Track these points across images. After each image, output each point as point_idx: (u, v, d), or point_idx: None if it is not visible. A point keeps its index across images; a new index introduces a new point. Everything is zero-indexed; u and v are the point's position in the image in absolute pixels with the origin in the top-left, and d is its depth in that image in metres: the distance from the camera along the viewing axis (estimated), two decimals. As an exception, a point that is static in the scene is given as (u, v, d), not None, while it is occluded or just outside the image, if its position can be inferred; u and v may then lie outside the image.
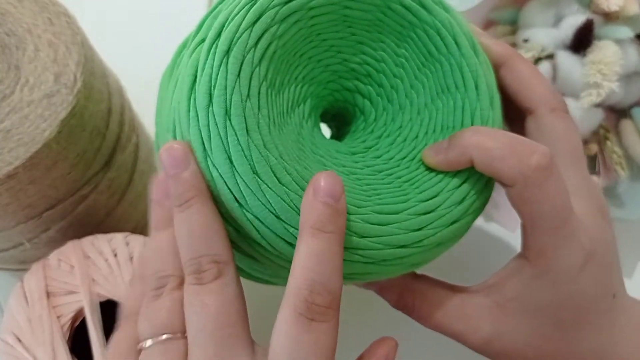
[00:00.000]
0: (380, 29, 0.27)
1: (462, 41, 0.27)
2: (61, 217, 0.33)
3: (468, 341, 0.27)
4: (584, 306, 0.26)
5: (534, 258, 0.25)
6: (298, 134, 0.26)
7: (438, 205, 0.25)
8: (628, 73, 0.37)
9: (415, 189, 0.25)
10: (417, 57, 0.28)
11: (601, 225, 0.26)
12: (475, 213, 0.26)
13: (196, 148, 0.23)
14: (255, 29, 0.24)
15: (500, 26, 0.40)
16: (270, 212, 0.23)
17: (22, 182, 0.29)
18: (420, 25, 0.27)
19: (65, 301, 0.30)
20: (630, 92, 0.38)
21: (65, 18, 0.31)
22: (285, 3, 0.24)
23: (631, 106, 0.39)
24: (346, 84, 0.28)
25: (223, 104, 0.23)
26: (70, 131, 0.30)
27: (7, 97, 0.29)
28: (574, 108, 0.36)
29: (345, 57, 0.28)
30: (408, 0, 0.26)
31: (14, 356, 0.29)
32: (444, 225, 0.25)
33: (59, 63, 0.30)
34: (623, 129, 0.39)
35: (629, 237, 0.41)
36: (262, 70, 0.24)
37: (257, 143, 0.23)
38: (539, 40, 0.37)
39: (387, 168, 0.27)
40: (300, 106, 0.27)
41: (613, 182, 0.39)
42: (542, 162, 0.23)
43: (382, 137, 0.28)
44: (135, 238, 0.32)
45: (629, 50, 0.36)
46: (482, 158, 0.24)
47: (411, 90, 0.28)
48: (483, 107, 0.26)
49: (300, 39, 0.26)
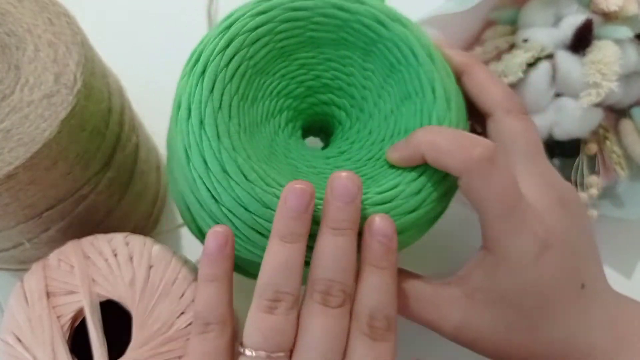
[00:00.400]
0: (346, 47, 0.31)
1: (418, 51, 0.30)
2: (61, 217, 0.33)
3: (441, 329, 0.28)
4: (547, 294, 0.27)
5: (491, 247, 0.27)
6: (272, 140, 0.30)
7: (396, 196, 0.28)
8: (627, 73, 0.37)
9: (375, 183, 0.28)
10: (381, 69, 0.31)
11: (559, 214, 0.28)
12: (435, 203, 0.28)
13: (180, 155, 0.27)
14: (227, 52, 0.28)
15: (500, 26, 0.40)
16: (240, 205, 0.26)
17: (22, 182, 0.29)
18: (380, 40, 0.30)
19: (65, 301, 0.30)
20: (630, 92, 0.38)
21: (66, 18, 0.31)
22: (253, 29, 0.29)
23: (631, 106, 0.39)
24: (322, 98, 0.32)
25: (199, 115, 0.27)
26: (70, 131, 0.30)
27: (7, 97, 0.29)
28: (573, 108, 0.36)
29: (318, 73, 0.31)
30: (367, 20, 0.30)
31: (14, 356, 0.29)
32: (402, 214, 0.27)
33: (59, 63, 0.30)
34: (622, 129, 0.39)
35: (628, 236, 0.41)
36: (234, 86, 0.28)
37: (227, 147, 0.27)
38: (539, 40, 0.37)
39: (354, 168, 0.30)
40: (276, 117, 0.30)
41: (612, 181, 0.39)
42: (484, 154, 0.26)
43: (355, 142, 0.31)
44: (135, 238, 0.32)
45: (628, 50, 0.36)
46: (431, 153, 0.27)
47: (379, 99, 0.31)
48: (439, 109, 0.29)
49: (271, 60, 0.30)
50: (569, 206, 0.28)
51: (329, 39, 0.31)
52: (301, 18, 0.30)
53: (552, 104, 0.37)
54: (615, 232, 0.41)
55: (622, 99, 0.38)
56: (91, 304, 0.29)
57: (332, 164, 0.30)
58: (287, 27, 0.30)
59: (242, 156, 0.27)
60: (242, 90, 0.29)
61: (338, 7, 0.30)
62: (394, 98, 0.31)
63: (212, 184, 0.27)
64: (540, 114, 0.38)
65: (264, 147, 0.29)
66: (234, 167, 0.26)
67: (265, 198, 0.26)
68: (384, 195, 0.28)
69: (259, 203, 0.26)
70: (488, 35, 0.40)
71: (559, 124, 0.37)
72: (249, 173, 0.27)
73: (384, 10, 0.30)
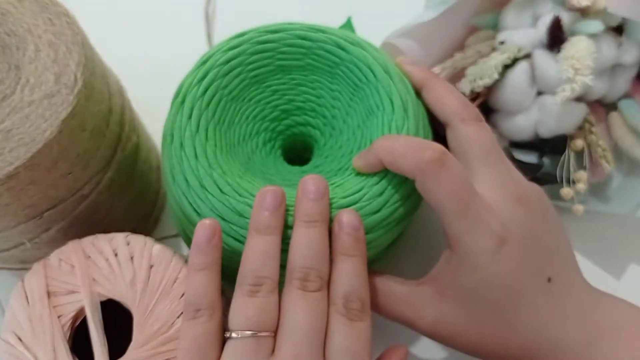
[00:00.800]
0: (313, 71, 0.34)
1: (376, 69, 0.33)
2: (62, 217, 0.33)
3: (417, 327, 0.30)
4: (512, 287, 0.28)
5: (453, 246, 0.28)
6: (249, 158, 0.33)
7: (360, 199, 0.30)
8: (609, 66, 0.37)
9: (342, 189, 0.31)
10: (347, 89, 0.34)
11: (516, 210, 0.29)
12: (399, 204, 0.31)
13: (167, 176, 0.32)
14: (203, 84, 0.32)
15: (483, 31, 0.41)
16: (217, 215, 0.30)
17: (23, 182, 0.29)
18: (342, 63, 0.34)
19: (66, 301, 0.30)
20: (616, 84, 0.38)
21: (66, 18, 0.32)
22: (226, 62, 0.33)
23: (619, 99, 0.39)
24: (298, 120, 0.36)
25: (179, 139, 0.31)
26: (70, 131, 0.30)
27: (7, 97, 0.30)
28: (552, 104, 0.37)
29: (290, 98, 0.35)
30: (328, 46, 0.33)
31: (15, 355, 0.29)
32: (368, 215, 0.30)
33: (60, 63, 0.30)
34: (612, 123, 0.39)
35: (616, 232, 0.41)
36: (210, 113, 0.32)
37: (204, 164, 0.30)
38: (515, 42, 0.38)
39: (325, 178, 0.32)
40: (253, 139, 0.34)
41: (601, 177, 0.39)
42: (434, 155, 0.28)
43: (328, 156, 0.34)
44: (136, 238, 0.32)
45: (603, 44, 0.36)
46: (388, 158, 0.29)
47: (347, 116, 0.34)
48: (398, 118, 0.32)
49: (245, 87, 0.34)
50: (529, 202, 0.29)
51: (297, 66, 0.34)
52: (269, 49, 0.34)
53: (535, 103, 0.38)
54: (605, 226, 0.41)
55: (608, 92, 0.38)
56: (92, 303, 0.29)
57: None
58: (256, 58, 0.34)
59: (218, 172, 0.30)
60: (219, 115, 0.33)
61: (301, 37, 0.34)
62: (360, 114, 0.34)
63: (192, 198, 0.30)
64: (524, 113, 0.38)
65: (240, 164, 0.32)
66: (210, 181, 0.30)
67: (238, 207, 0.29)
68: (349, 198, 0.30)
69: (234, 212, 0.29)
70: (471, 41, 0.40)
71: (542, 121, 0.37)
72: (224, 186, 0.30)
73: (344, 36, 0.34)
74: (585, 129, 0.38)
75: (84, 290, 0.30)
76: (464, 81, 0.37)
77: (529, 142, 0.40)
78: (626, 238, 0.42)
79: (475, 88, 0.37)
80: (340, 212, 0.29)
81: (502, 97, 0.38)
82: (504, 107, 0.38)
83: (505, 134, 0.40)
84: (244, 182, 0.31)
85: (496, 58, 0.37)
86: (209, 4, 0.52)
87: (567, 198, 0.38)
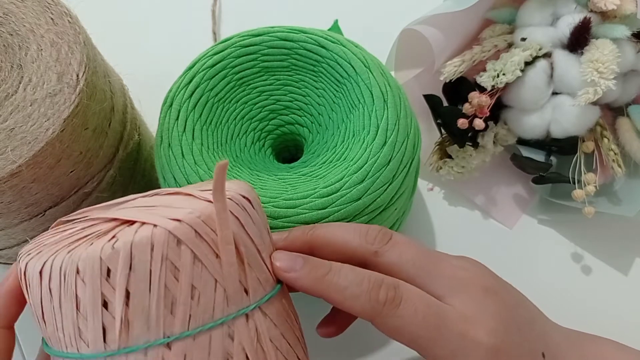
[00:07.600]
0: (297, 71, 0.36)
1: (356, 63, 0.34)
2: (64, 215, 0.33)
3: None
4: None
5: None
6: (236, 156, 0.35)
7: (340, 188, 0.31)
8: (624, 71, 0.37)
9: (324, 180, 0.32)
10: (330, 85, 0.35)
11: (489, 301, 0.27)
12: (380, 191, 0.32)
13: (159, 176, 0.33)
14: (189, 87, 0.34)
15: (499, 25, 0.40)
16: None
17: (26, 180, 0.29)
18: (324, 60, 0.35)
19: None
20: (627, 90, 0.38)
21: (68, 18, 0.32)
22: (211, 66, 0.35)
23: (628, 104, 0.39)
24: (286, 119, 0.37)
25: (167, 139, 0.33)
26: (73, 130, 0.30)
27: (10, 96, 0.30)
28: (571, 106, 0.37)
29: (277, 98, 0.36)
30: (309, 45, 0.35)
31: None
32: (348, 203, 0.31)
33: (62, 62, 0.30)
34: (620, 127, 0.39)
35: (625, 233, 0.42)
36: (197, 114, 0.34)
37: (189, 162, 0.32)
38: (537, 39, 0.38)
39: (309, 171, 0.34)
40: (242, 138, 0.36)
41: (610, 179, 0.39)
42: (389, 295, 0.26)
43: (315, 152, 0.36)
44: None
45: (625, 49, 0.36)
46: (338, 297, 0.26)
47: (332, 112, 0.35)
48: (378, 108, 0.33)
49: (231, 89, 0.35)
50: (499, 289, 0.28)
51: (281, 66, 0.36)
52: (252, 52, 0.35)
53: (550, 102, 0.38)
54: (612, 229, 0.41)
55: (619, 97, 0.38)
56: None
57: (292, 171, 0.34)
58: (241, 60, 0.35)
59: (203, 169, 0.32)
60: (205, 116, 0.34)
61: (283, 38, 0.35)
62: (344, 108, 0.35)
63: None
64: (538, 112, 0.38)
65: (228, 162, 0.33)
66: (196, 178, 0.32)
67: None
68: (330, 187, 0.31)
69: None
70: (487, 34, 0.40)
71: (556, 121, 0.37)
72: None
73: (324, 34, 0.35)
74: (597, 132, 0.38)
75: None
76: (486, 76, 0.37)
77: (537, 140, 0.40)
78: (635, 239, 0.42)
79: (498, 84, 0.37)
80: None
81: (518, 94, 0.38)
82: (519, 104, 0.38)
83: (515, 131, 0.40)
84: (232, 178, 0.32)
85: (519, 54, 0.36)
86: (215, 3, 0.52)
87: (579, 200, 0.38)
